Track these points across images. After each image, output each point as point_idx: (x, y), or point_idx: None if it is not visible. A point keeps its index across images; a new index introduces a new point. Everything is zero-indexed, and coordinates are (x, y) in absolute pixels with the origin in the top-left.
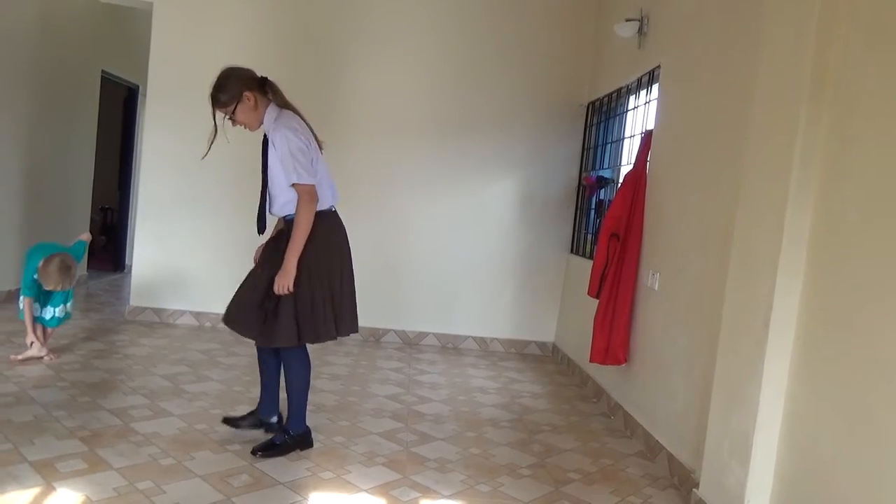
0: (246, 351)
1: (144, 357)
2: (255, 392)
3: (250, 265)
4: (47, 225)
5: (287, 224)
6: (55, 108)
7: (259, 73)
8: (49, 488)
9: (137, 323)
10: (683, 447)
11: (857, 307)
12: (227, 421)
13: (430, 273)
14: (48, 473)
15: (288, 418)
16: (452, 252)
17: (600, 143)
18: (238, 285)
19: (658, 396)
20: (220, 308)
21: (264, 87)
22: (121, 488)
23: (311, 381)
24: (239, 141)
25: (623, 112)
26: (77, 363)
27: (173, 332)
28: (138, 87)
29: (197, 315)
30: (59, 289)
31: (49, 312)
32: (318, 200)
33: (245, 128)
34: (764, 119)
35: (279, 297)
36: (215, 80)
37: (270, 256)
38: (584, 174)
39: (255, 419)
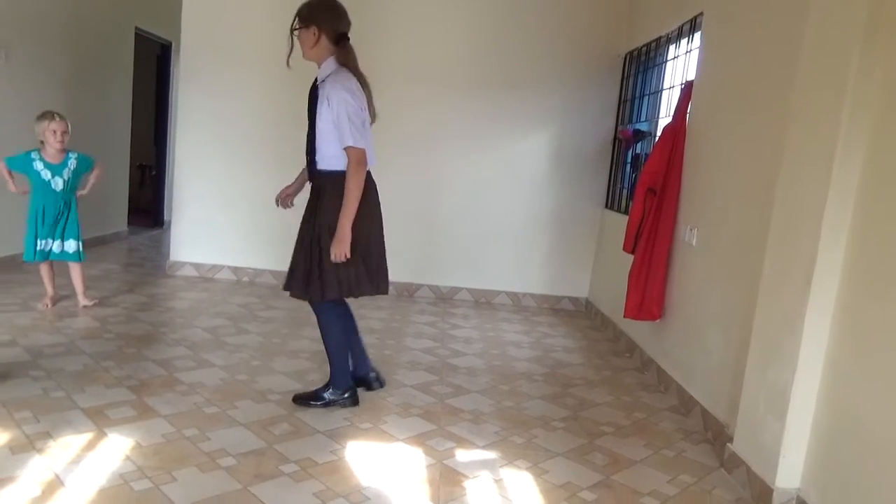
0: (283, 305)
1: (186, 310)
2: (294, 344)
3: (288, 220)
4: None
5: (322, 179)
6: (90, 67)
7: (337, 29)
8: (101, 434)
9: (177, 277)
10: (718, 402)
11: None
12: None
13: (464, 228)
14: (99, 420)
15: (331, 375)
16: (486, 207)
17: (638, 95)
18: (276, 242)
19: (693, 351)
20: (258, 263)
21: (338, 41)
22: (168, 435)
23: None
24: (277, 95)
25: (662, 62)
26: (121, 316)
27: (212, 286)
28: (171, 43)
29: (235, 270)
30: (56, 123)
31: (71, 246)
32: (367, 164)
33: (302, 53)
34: (813, 66)
35: (318, 254)
36: None
37: (308, 215)
38: (620, 127)
39: (355, 377)
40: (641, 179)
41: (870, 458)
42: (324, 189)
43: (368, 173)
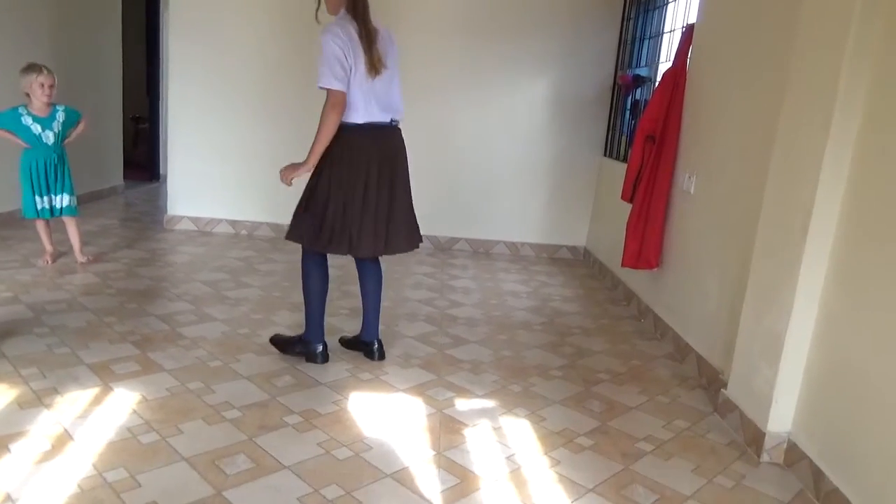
0: (283, 258)
1: (185, 264)
2: (294, 297)
3: None
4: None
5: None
6: (77, 13)
7: None
8: (107, 388)
9: (176, 231)
10: (713, 349)
11: None
12: (341, 341)
13: (461, 178)
14: (105, 375)
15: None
16: (483, 156)
17: (638, 38)
18: (272, 194)
19: (689, 299)
20: (256, 216)
21: None
22: (173, 388)
23: (347, 287)
24: (269, 46)
25: (663, 4)
26: (122, 271)
27: (211, 240)
28: None
29: (233, 223)
30: (45, 76)
31: (65, 200)
32: (344, 108)
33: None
34: (815, 12)
35: (305, 198)
36: None
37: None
38: (619, 73)
39: (356, 341)
40: (640, 126)
41: (858, 404)
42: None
43: (386, 128)
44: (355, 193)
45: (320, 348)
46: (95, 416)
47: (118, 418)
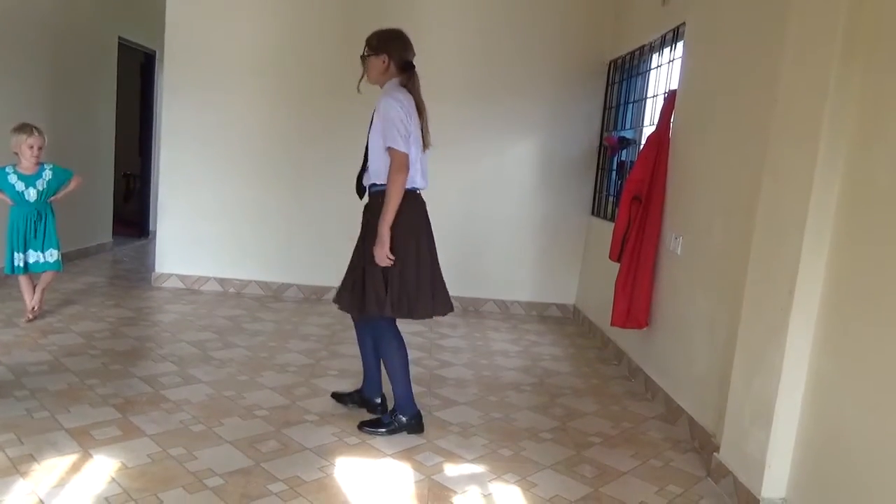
0: (271, 317)
1: (172, 324)
2: (281, 358)
3: (274, 229)
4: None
5: (372, 196)
6: (73, 76)
7: (404, 58)
8: (86, 455)
9: (163, 289)
10: (704, 411)
11: (886, 274)
12: (335, 396)
13: (451, 236)
14: (84, 440)
15: (395, 400)
16: (473, 214)
17: (622, 102)
18: (262, 253)
19: (679, 360)
20: (244, 274)
21: (405, 70)
22: (154, 455)
23: (338, 348)
24: (262, 107)
25: (646, 71)
26: (107, 331)
27: (199, 299)
28: (155, 52)
29: (221, 281)
30: (34, 138)
31: (33, 256)
32: (408, 171)
33: (366, 79)
34: (793, 78)
35: (365, 267)
36: (384, 28)
37: (363, 232)
38: (605, 135)
39: (360, 397)
40: (627, 187)
41: (854, 468)
42: (374, 206)
43: (418, 194)
44: (418, 259)
45: (420, 417)
46: (72, 486)
47: (96, 487)
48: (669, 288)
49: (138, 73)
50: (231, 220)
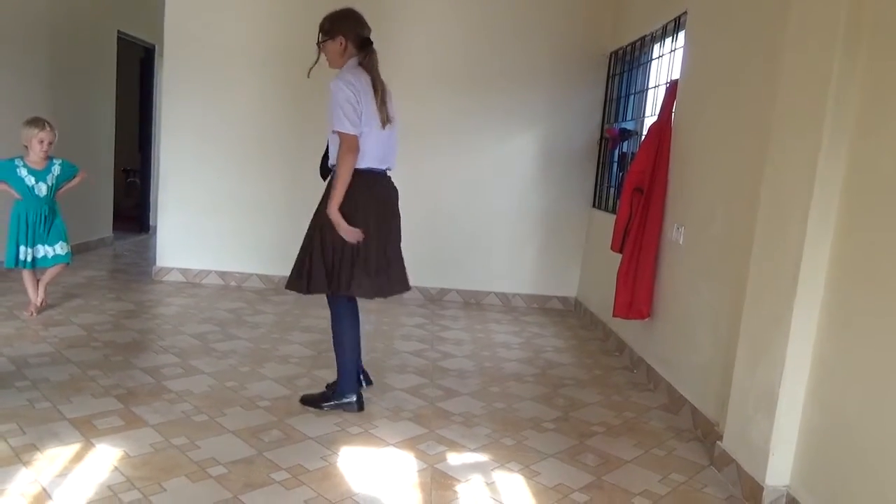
0: (272, 309)
1: (173, 316)
2: (283, 349)
3: (274, 223)
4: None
5: (331, 177)
6: (73, 71)
7: (361, 35)
8: (88, 444)
9: (164, 283)
10: (707, 400)
11: (889, 261)
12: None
13: (452, 229)
14: (87, 430)
15: (337, 376)
16: (474, 207)
17: (623, 93)
18: (262, 245)
19: (682, 350)
20: (245, 267)
21: (363, 47)
22: (157, 444)
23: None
24: (261, 99)
25: (647, 61)
26: (108, 323)
27: (200, 292)
28: (154, 46)
29: (222, 274)
30: (45, 133)
31: (41, 251)
32: (358, 152)
33: (327, 63)
34: (796, 66)
35: (311, 247)
36: (334, 10)
37: (316, 213)
38: (606, 126)
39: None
40: (628, 179)
41: (857, 455)
42: (328, 185)
43: (383, 175)
44: (376, 238)
45: (360, 397)
46: (75, 474)
47: (99, 476)
48: (671, 278)
49: (138, 67)
50: (232, 213)
